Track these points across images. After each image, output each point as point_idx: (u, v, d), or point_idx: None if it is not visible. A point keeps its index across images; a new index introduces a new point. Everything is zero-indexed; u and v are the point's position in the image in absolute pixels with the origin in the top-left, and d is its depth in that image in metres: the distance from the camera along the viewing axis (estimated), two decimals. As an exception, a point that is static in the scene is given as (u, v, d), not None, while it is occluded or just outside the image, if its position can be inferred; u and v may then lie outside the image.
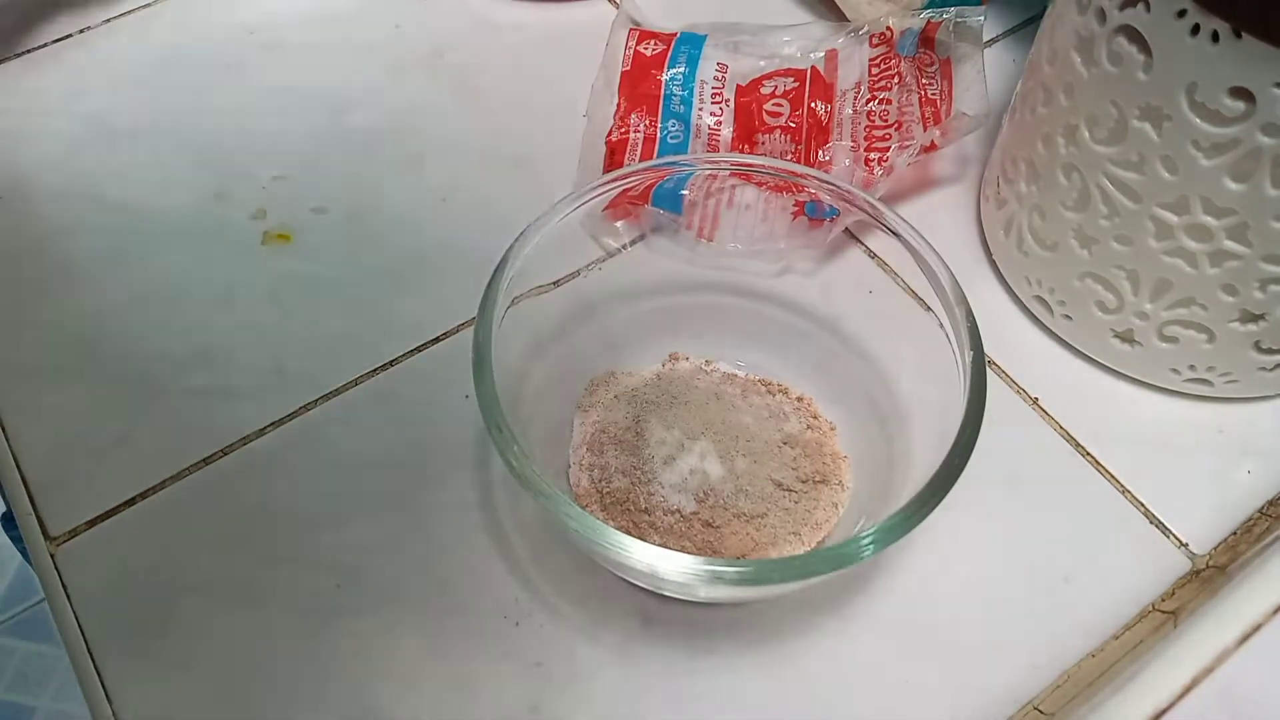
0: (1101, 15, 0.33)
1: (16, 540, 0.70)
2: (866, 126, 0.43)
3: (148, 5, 0.52)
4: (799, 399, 0.37)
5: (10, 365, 0.40)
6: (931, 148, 0.43)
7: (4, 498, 0.42)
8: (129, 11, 0.52)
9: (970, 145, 0.47)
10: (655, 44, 0.46)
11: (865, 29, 0.46)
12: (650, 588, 0.33)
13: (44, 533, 0.35)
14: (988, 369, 0.32)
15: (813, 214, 0.39)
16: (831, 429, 0.36)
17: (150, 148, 0.47)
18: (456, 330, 0.41)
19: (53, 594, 0.34)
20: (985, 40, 0.50)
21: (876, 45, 0.45)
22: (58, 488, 0.36)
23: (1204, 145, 0.32)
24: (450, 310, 0.41)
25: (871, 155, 0.42)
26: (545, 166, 0.46)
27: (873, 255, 0.40)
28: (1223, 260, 0.34)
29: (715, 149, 0.43)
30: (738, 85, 0.45)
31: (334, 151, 0.47)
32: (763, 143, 0.43)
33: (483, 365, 0.30)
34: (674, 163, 0.36)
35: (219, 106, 0.37)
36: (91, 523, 0.35)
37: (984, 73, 0.44)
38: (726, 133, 0.44)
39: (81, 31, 0.51)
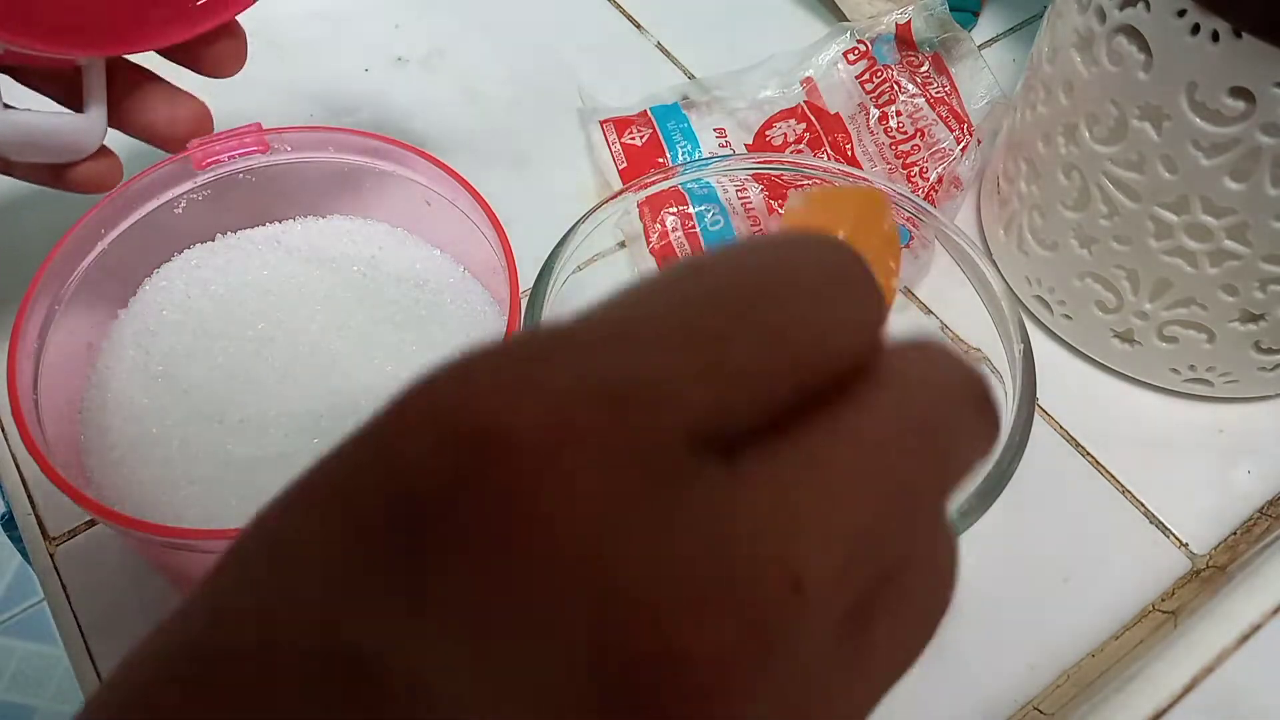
0: (1101, 14, 0.33)
1: (16, 540, 0.70)
2: (891, 144, 0.42)
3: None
4: None
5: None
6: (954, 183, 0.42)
7: (4, 498, 0.42)
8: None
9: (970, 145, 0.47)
10: (637, 131, 0.44)
11: (828, 42, 0.45)
12: None
13: (44, 533, 0.35)
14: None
15: None
16: None
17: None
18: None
19: (52, 594, 0.34)
20: (986, 39, 0.50)
21: (856, 61, 0.44)
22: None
23: (1204, 145, 0.32)
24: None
25: (910, 170, 0.41)
26: (545, 166, 0.46)
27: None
28: (1223, 260, 0.34)
29: (756, 220, 0.40)
30: (746, 146, 0.44)
31: (334, 151, 0.46)
32: (795, 196, 0.38)
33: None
34: (695, 163, 0.36)
35: (218, 107, 0.37)
36: (91, 523, 0.35)
37: (979, 53, 0.44)
38: (757, 198, 0.40)
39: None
